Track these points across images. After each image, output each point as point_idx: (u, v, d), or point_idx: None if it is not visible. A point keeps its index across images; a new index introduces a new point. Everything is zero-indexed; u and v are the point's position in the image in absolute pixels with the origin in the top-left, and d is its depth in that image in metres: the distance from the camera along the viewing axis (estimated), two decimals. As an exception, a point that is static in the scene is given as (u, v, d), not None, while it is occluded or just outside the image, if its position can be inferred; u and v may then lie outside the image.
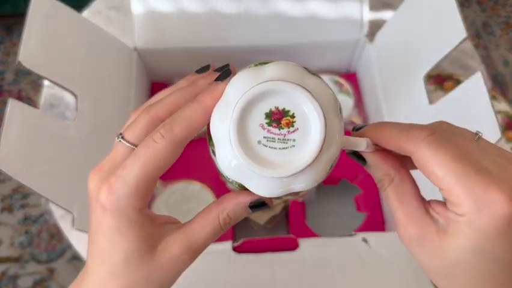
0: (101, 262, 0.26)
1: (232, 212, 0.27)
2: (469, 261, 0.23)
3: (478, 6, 1.66)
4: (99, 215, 0.25)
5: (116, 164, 0.26)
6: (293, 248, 0.50)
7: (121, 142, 0.26)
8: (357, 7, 0.64)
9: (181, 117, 0.25)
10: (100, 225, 0.25)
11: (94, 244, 0.26)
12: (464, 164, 0.23)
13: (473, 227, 0.23)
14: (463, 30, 0.47)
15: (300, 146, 0.23)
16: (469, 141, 0.25)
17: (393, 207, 0.26)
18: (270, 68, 0.24)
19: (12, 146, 0.40)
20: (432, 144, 0.23)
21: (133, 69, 0.62)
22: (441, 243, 0.24)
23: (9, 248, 1.20)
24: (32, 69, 0.44)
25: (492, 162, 0.23)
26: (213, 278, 0.48)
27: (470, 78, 0.46)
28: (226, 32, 0.64)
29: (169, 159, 0.25)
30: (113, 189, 0.25)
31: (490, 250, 0.23)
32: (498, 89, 1.47)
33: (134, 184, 0.24)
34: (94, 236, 0.26)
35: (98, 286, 0.26)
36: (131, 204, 0.25)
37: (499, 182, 0.22)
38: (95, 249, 0.26)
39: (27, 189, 0.52)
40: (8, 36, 1.58)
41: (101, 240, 0.26)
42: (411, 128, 0.25)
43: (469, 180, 0.22)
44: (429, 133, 0.24)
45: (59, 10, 0.50)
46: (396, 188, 0.26)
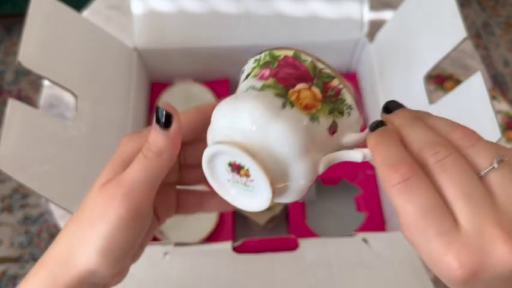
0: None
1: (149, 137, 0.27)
2: None
3: (478, 6, 1.66)
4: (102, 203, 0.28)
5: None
6: (293, 248, 0.50)
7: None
8: (357, 7, 0.64)
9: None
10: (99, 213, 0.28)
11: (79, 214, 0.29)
12: (427, 225, 0.21)
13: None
14: (463, 30, 0.47)
15: (257, 192, 0.26)
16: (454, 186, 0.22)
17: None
18: (245, 105, 0.25)
19: (12, 146, 0.40)
20: (400, 196, 0.22)
21: (132, 69, 0.62)
22: None
23: (9, 248, 1.20)
24: (32, 69, 0.44)
25: (469, 217, 0.21)
26: (214, 278, 0.48)
27: (470, 78, 0.46)
28: (226, 32, 0.64)
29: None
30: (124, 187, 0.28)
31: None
32: (498, 89, 1.47)
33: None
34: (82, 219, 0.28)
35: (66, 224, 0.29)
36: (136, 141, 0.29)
37: (463, 247, 0.21)
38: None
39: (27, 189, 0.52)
40: (8, 36, 1.58)
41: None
42: (389, 170, 0.23)
43: (430, 244, 0.22)
44: (400, 180, 0.22)
45: (59, 10, 0.50)
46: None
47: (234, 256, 0.49)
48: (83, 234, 0.27)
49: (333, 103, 0.26)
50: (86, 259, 0.26)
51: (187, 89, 0.68)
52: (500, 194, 0.22)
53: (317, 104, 0.26)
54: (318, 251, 0.50)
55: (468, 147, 0.23)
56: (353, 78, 0.71)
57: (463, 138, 0.23)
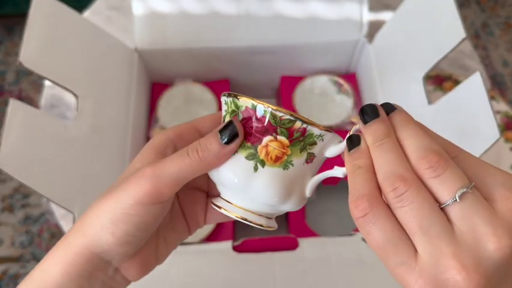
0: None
1: (202, 139, 0.28)
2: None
3: (477, 7, 1.66)
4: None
5: None
6: (293, 247, 0.50)
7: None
8: (357, 8, 0.64)
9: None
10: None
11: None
12: (386, 255, 0.23)
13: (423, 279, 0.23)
14: (462, 31, 0.47)
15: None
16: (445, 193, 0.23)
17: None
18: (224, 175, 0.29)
19: (13, 146, 0.40)
20: (361, 229, 0.24)
21: (133, 70, 0.62)
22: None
23: (10, 248, 1.20)
24: (33, 69, 0.44)
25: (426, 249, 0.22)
26: (214, 277, 0.48)
27: (469, 78, 0.46)
28: (227, 33, 0.64)
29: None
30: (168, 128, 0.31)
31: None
32: (497, 89, 1.48)
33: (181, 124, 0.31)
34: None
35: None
36: (166, 132, 0.30)
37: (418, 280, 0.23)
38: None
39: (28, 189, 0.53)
40: (9, 36, 1.58)
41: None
42: (351, 204, 0.24)
43: (393, 271, 0.24)
44: (360, 215, 0.24)
45: (59, 10, 0.51)
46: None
47: (234, 255, 0.50)
48: (101, 203, 0.27)
49: (302, 141, 0.27)
50: (96, 227, 0.27)
51: (188, 89, 0.68)
52: (460, 226, 0.22)
53: (286, 150, 0.27)
54: (317, 251, 0.50)
55: (433, 177, 0.23)
56: (352, 79, 0.71)
57: (429, 168, 0.23)
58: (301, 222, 0.58)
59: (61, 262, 0.27)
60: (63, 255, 0.27)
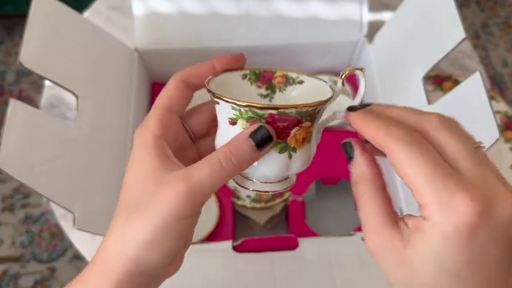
0: (123, 200, 0.28)
1: (233, 145, 0.27)
2: (428, 273, 0.23)
3: (477, 7, 1.66)
4: (129, 159, 0.29)
5: None
6: (293, 247, 0.50)
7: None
8: (357, 8, 0.64)
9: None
10: (127, 166, 0.29)
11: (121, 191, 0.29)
12: (436, 166, 0.22)
13: (435, 232, 0.22)
14: (462, 31, 0.47)
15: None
16: (457, 144, 0.24)
17: (362, 212, 0.26)
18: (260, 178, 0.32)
19: (13, 146, 0.40)
20: (406, 146, 0.23)
21: (133, 70, 0.62)
22: (405, 252, 0.23)
23: (10, 248, 1.20)
24: (33, 69, 0.44)
25: (474, 169, 0.23)
26: (214, 276, 0.48)
27: (468, 78, 0.46)
28: (227, 33, 0.64)
29: (173, 89, 0.31)
30: (139, 130, 0.30)
31: (449, 263, 0.22)
32: (497, 90, 1.48)
33: (151, 113, 0.30)
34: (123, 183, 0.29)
35: (111, 231, 0.28)
36: (148, 130, 0.29)
37: (471, 189, 0.22)
38: (120, 193, 0.29)
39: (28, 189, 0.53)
40: (9, 36, 1.59)
41: (126, 177, 0.29)
42: (391, 126, 0.25)
43: (438, 182, 0.22)
44: (406, 133, 0.24)
45: (60, 11, 0.51)
46: (369, 192, 0.26)
47: (234, 255, 0.50)
48: (134, 224, 0.27)
49: (318, 118, 0.30)
50: (139, 249, 0.26)
51: (188, 90, 0.68)
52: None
53: (310, 129, 0.30)
54: (317, 250, 0.50)
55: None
56: (352, 79, 0.71)
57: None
58: (301, 222, 0.58)
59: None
60: (104, 281, 0.27)
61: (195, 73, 0.32)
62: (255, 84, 0.33)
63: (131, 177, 0.28)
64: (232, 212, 0.59)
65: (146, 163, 0.28)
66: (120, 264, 0.27)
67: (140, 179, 0.28)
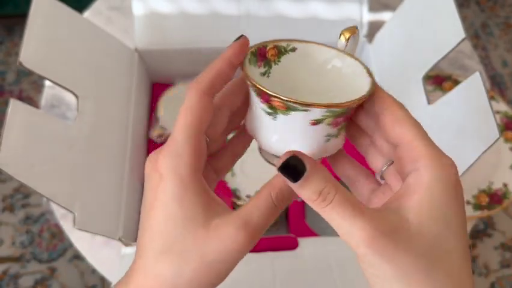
0: (151, 239, 0.25)
1: (283, 186, 0.26)
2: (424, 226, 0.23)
3: (477, 7, 1.67)
4: (154, 187, 0.25)
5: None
6: (293, 247, 0.50)
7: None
8: (357, 8, 0.64)
9: (204, 71, 0.28)
10: (155, 198, 0.25)
11: (144, 225, 0.25)
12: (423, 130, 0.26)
13: (430, 178, 0.24)
14: (462, 31, 0.47)
15: None
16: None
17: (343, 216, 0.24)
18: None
19: (13, 146, 0.41)
20: (403, 109, 0.27)
21: (133, 70, 0.62)
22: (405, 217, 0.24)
23: (10, 248, 1.20)
24: (33, 69, 0.44)
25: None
26: (213, 277, 0.48)
27: (468, 78, 0.46)
28: (227, 33, 0.64)
29: (199, 105, 0.26)
30: (166, 151, 0.25)
31: (443, 208, 0.23)
32: (497, 90, 1.48)
33: (182, 138, 0.25)
34: (145, 217, 0.26)
35: (146, 271, 0.25)
36: (183, 162, 0.25)
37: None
38: (146, 230, 0.25)
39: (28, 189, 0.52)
40: (9, 36, 1.59)
41: (155, 214, 0.25)
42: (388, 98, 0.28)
43: (429, 140, 0.25)
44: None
45: (60, 11, 0.51)
46: (342, 195, 0.24)
47: (234, 255, 0.50)
48: (189, 270, 0.25)
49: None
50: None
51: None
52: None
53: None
54: (317, 250, 0.50)
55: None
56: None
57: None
58: (301, 222, 0.58)
59: None
60: None
61: (216, 79, 0.28)
62: (256, 65, 0.31)
63: (168, 219, 0.25)
64: (232, 212, 0.59)
65: (187, 203, 0.25)
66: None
67: (183, 220, 0.25)
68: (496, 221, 1.24)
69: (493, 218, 1.24)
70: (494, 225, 1.23)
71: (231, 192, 0.60)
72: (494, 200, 0.64)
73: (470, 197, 0.64)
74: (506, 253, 1.20)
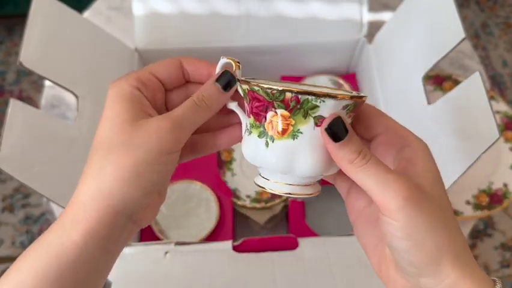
0: (93, 142, 0.29)
1: (203, 89, 0.30)
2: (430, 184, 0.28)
3: (477, 7, 1.67)
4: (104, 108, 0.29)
5: None
6: (293, 247, 0.50)
7: None
8: (357, 8, 0.64)
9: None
10: (102, 114, 0.29)
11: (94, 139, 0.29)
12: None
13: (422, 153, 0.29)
14: (462, 31, 0.47)
15: None
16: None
17: (377, 174, 0.26)
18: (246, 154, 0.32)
19: (13, 146, 0.41)
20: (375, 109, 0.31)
21: (133, 70, 0.62)
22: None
23: (10, 248, 1.20)
24: (33, 69, 0.44)
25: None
26: (214, 276, 0.48)
27: (468, 78, 0.46)
28: (227, 33, 0.64)
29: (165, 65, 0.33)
30: (115, 80, 0.30)
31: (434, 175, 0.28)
32: (497, 89, 1.48)
33: (132, 72, 0.31)
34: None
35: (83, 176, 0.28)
36: (127, 81, 0.30)
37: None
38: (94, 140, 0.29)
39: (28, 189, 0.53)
40: (9, 36, 1.59)
41: (98, 125, 0.29)
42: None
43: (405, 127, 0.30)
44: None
45: (60, 11, 0.51)
46: (374, 157, 0.27)
47: (234, 255, 0.50)
48: (115, 160, 0.27)
49: (301, 108, 0.27)
50: (121, 185, 0.27)
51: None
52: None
53: (290, 121, 0.27)
54: (317, 250, 0.50)
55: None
56: (352, 79, 0.71)
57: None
58: (301, 222, 0.58)
59: (83, 226, 0.26)
60: (83, 219, 0.27)
61: (192, 62, 0.33)
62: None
63: (104, 121, 0.28)
64: (232, 212, 0.59)
65: (120, 106, 0.28)
66: (99, 203, 0.27)
67: (115, 119, 0.28)
68: (496, 221, 1.24)
69: (493, 218, 1.24)
70: (494, 225, 1.23)
71: (231, 192, 0.60)
72: (494, 200, 0.63)
73: (470, 197, 0.64)
74: (506, 253, 1.20)
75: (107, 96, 0.29)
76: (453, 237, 0.27)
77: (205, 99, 0.30)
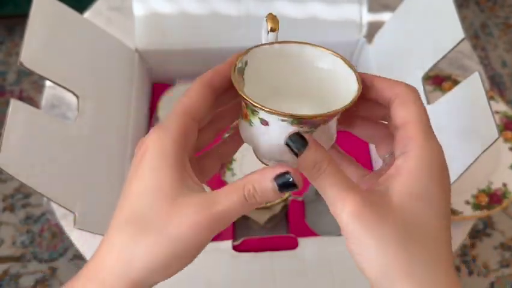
0: (121, 209, 0.26)
1: (257, 183, 0.26)
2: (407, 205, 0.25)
3: (477, 7, 1.67)
4: (137, 161, 0.26)
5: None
6: (293, 247, 0.51)
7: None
8: (356, 9, 0.64)
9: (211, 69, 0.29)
10: (136, 170, 0.26)
11: (121, 198, 0.26)
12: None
13: (414, 162, 0.25)
14: (461, 31, 0.47)
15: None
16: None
17: (330, 183, 0.26)
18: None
19: (14, 146, 0.41)
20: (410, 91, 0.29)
21: (134, 70, 0.62)
22: (389, 196, 0.25)
23: (11, 248, 1.20)
24: (34, 69, 0.44)
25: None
26: (214, 276, 0.49)
27: (468, 78, 0.46)
28: (227, 33, 0.64)
29: (196, 92, 0.28)
30: (156, 127, 0.27)
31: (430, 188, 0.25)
32: (496, 90, 1.48)
33: (173, 117, 0.27)
34: (124, 190, 0.26)
35: (108, 240, 0.26)
36: (169, 135, 0.26)
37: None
38: (121, 201, 0.26)
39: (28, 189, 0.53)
40: (10, 36, 1.59)
41: (131, 185, 0.26)
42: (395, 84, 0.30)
43: (426, 124, 0.27)
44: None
45: (60, 11, 0.51)
46: (332, 167, 0.26)
47: (234, 255, 0.50)
48: (146, 247, 0.25)
49: (248, 107, 0.29)
50: (146, 274, 0.25)
51: (188, 90, 0.68)
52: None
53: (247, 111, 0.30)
54: (317, 250, 0.50)
55: None
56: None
57: None
58: (301, 222, 0.58)
59: None
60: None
61: (217, 74, 0.30)
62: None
63: (141, 188, 0.26)
64: (232, 211, 0.59)
65: (164, 175, 0.25)
66: (119, 283, 0.25)
67: (154, 192, 0.25)
68: (496, 220, 1.24)
69: (493, 217, 1.24)
70: (493, 225, 1.23)
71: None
72: (494, 200, 0.64)
73: (470, 197, 0.64)
74: (505, 253, 1.20)
75: (145, 151, 0.26)
76: (410, 257, 0.24)
77: (256, 196, 0.26)
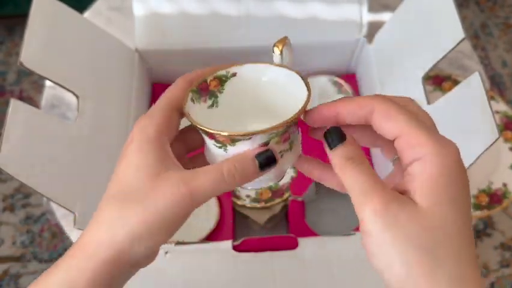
0: (109, 187, 0.29)
1: (238, 162, 0.28)
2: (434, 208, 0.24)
3: (477, 7, 1.67)
4: (125, 147, 0.29)
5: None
6: (293, 247, 0.51)
7: None
8: (357, 9, 0.64)
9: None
10: (124, 154, 0.29)
11: (109, 180, 0.29)
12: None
13: (433, 169, 0.24)
14: (461, 31, 0.47)
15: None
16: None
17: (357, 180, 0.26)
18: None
19: (14, 146, 0.41)
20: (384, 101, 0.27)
21: (134, 70, 0.62)
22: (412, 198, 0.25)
23: (11, 248, 1.20)
24: (34, 69, 0.44)
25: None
26: (214, 276, 0.49)
27: (468, 78, 0.46)
28: (227, 33, 0.64)
29: (179, 86, 0.31)
30: (142, 116, 0.30)
31: (448, 191, 0.25)
32: (496, 90, 1.48)
33: (157, 107, 0.30)
34: (113, 173, 0.29)
35: (97, 216, 0.28)
36: (153, 122, 0.29)
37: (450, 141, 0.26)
38: (109, 182, 0.29)
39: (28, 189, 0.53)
40: (10, 36, 1.59)
41: (119, 166, 0.29)
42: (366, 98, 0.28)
43: (429, 129, 0.26)
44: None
45: (60, 11, 0.51)
46: (364, 164, 0.27)
47: (234, 255, 0.50)
48: (131, 215, 0.27)
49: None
50: (132, 240, 0.27)
51: (188, 90, 0.68)
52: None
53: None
54: (317, 250, 0.50)
55: None
56: (352, 79, 0.71)
57: None
58: (300, 222, 0.58)
59: (89, 276, 0.27)
60: (88, 269, 0.27)
61: (197, 76, 0.32)
62: (200, 101, 0.32)
63: (127, 167, 0.28)
64: (232, 212, 0.59)
65: (147, 155, 0.28)
66: (106, 253, 0.27)
67: (139, 170, 0.28)
68: (496, 220, 1.24)
69: (493, 217, 1.24)
70: (493, 225, 1.23)
71: (230, 192, 0.60)
72: (494, 200, 0.64)
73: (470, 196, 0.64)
74: (505, 253, 1.20)
75: (132, 137, 0.29)
76: (434, 261, 0.24)
77: (236, 174, 0.28)
